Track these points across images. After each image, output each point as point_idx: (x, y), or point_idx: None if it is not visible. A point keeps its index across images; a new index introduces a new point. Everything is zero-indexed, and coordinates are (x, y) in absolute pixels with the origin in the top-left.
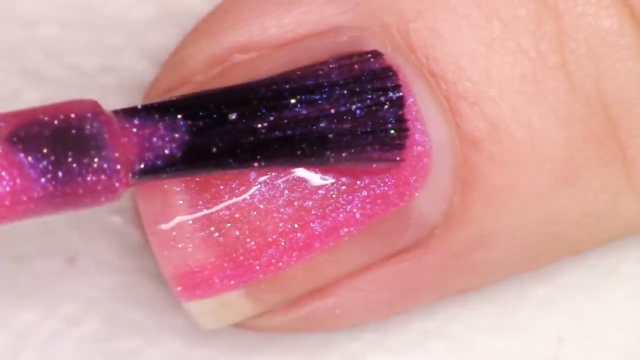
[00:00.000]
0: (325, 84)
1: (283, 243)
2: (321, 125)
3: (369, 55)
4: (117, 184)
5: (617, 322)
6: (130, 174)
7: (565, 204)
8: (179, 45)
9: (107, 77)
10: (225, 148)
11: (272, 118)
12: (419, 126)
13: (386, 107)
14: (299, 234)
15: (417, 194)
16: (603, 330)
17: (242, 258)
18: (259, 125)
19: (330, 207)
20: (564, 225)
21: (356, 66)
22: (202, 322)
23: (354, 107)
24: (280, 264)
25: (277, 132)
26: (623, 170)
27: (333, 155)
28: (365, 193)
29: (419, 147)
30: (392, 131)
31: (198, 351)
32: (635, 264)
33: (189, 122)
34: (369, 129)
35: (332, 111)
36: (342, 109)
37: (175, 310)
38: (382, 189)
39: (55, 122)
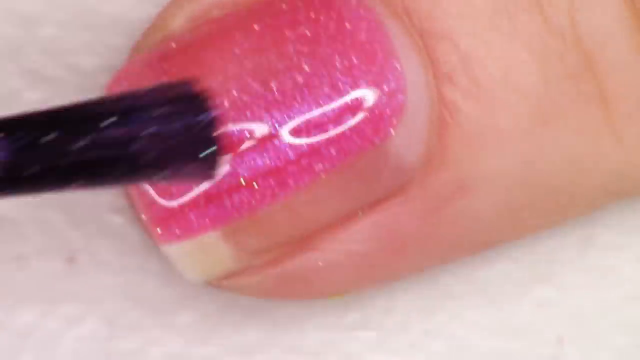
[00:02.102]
0: (138, 106)
1: (256, 185)
2: (135, 146)
3: (184, 82)
4: None
5: (618, 322)
6: None
7: (544, 145)
8: (161, 10)
9: (107, 77)
10: (45, 169)
11: (88, 139)
12: (393, 62)
13: (198, 129)
14: (271, 174)
15: (393, 132)
16: (603, 330)
17: (216, 197)
18: (75, 146)
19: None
20: (545, 172)
21: (171, 90)
22: (181, 267)
23: (166, 129)
24: (254, 202)
25: (93, 153)
26: (602, 111)
27: (151, 174)
28: (339, 129)
29: (393, 84)
30: (204, 155)
31: (198, 351)
32: (635, 263)
33: (10, 143)
34: (182, 151)
35: (145, 132)
36: (155, 130)
37: (176, 310)
38: (357, 126)
39: None
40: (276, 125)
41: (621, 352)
